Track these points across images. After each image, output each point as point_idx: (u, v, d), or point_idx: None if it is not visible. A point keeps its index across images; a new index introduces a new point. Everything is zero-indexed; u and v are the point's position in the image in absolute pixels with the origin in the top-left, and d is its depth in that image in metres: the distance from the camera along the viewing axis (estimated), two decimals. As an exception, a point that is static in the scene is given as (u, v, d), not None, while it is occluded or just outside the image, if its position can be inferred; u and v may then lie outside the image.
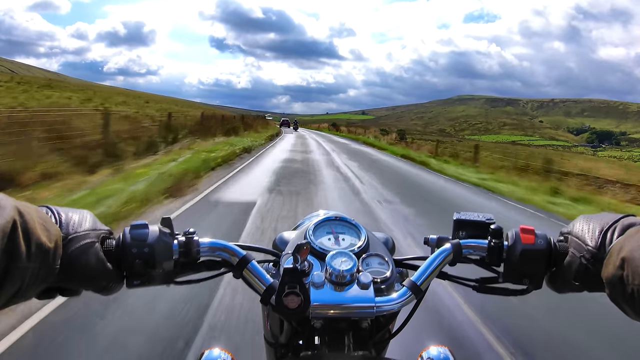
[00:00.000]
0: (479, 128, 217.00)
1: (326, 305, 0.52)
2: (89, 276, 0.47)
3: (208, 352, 0.68)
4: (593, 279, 0.49)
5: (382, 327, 0.60)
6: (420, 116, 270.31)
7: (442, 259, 0.57)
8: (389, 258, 0.60)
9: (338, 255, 0.56)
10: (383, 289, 0.56)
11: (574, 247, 0.52)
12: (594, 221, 0.52)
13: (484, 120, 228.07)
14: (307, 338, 0.56)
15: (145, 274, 0.51)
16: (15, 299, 0.40)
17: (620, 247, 0.45)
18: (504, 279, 0.57)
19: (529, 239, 0.54)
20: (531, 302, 1.66)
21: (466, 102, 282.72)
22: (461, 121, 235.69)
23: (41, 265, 0.40)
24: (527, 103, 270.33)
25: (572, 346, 2.39)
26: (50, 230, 0.42)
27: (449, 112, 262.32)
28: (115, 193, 4.84)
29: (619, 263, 0.43)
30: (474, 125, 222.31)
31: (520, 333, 2.42)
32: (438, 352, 0.68)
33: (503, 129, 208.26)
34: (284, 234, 0.72)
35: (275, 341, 0.65)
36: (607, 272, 0.45)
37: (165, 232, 0.52)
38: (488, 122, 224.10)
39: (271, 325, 0.67)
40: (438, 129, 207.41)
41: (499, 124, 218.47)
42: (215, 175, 7.48)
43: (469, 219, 0.62)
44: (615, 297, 0.45)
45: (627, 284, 0.42)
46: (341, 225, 0.66)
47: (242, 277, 0.56)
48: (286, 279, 0.49)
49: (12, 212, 0.37)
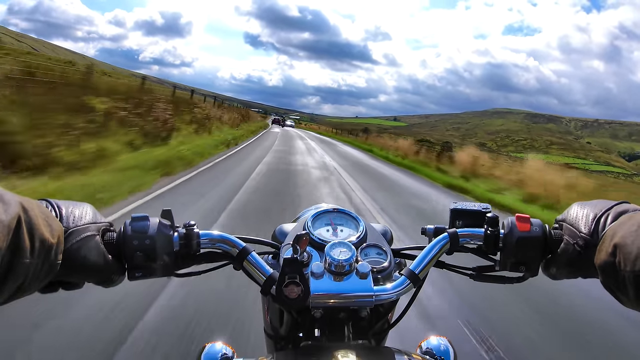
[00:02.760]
0: (524, 145, 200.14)
1: (326, 295, 0.52)
2: (90, 269, 0.48)
3: (210, 346, 0.69)
4: (587, 265, 0.49)
5: (381, 317, 0.60)
6: (456, 127, 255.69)
7: (439, 248, 0.58)
8: (387, 248, 0.62)
9: (337, 246, 0.56)
10: (382, 279, 0.57)
11: (568, 234, 0.52)
12: (588, 208, 0.52)
13: (528, 136, 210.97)
14: (307, 329, 0.57)
15: (146, 266, 0.51)
16: (18, 294, 0.40)
17: (613, 233, 0.45)
18: (501, 267, 0.57)
19: (525, 227, 0.54)
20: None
21: (504, 116, 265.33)
22: (502, 136, 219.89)
23: (44, 261, 0.40)
24: (570, 122, 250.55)
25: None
26: (53, 226, 0.42)
27: (487, 125, 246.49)
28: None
29: (611, 249, 0.43)
30: (517, 142, 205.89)
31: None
32: (438, 342, 0.70)
33: (551, 149, 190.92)
34: (283, 226, 0.72)
35: (275, 333, 0.66)
36: (600, 258, 0.45)
37: (165, 224, 0.52)
38: (533, 139, 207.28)
39: (271, 317, 0.67)
40: (477, 142, 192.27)
41: (545, 142, 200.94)
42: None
43: (466, 209, 0.62)
44: (608, 283, 0.45)
45: (619, 271, 0.42)
46: (339, 216, 0.67)
47: (242, 268, 0.56)
48: (286, 269, 0.50)
49: (17, 208, 0.37)
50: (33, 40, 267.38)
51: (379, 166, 13.28)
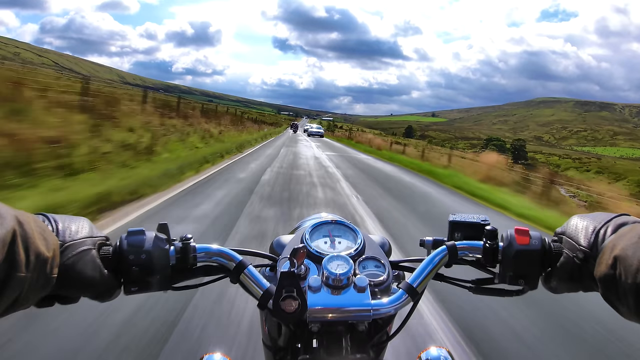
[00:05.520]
0: (585, 137, 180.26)
1: (323, 309, 0.51)
2: (86, 283, 0.47)
3: (207, 357, 0.69)
4: (587, 278, 0.48)
5: (380, 330, 0.59)
6: (503, 120, 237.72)
7: (438, 261, 0.57)
8: (385, 261, 0.61)
9: (334, 259, 0.56)
10: (379, 292, 0.56)
11: (567, 247, 0.51)
12: (587, 220, 0.51)
13: (587, 127, 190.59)
14: (305, 342, 0.56)
15: (142, 280, 0.51)
16: (14, 308, 0.40)
17: (612, 245, 0.44)
18: (500, 280, 0.56)
19: (524, 240, 0.54)
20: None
21: (552, 105, 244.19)
22: (558, 127, 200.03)
23: (39, 274, 0.40)
24: (624, 108, 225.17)
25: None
26: (48, 240, 0.42)
27: (536, 116, 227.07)
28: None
29: (611, 262, 0.43)
30: (577, 133, 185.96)
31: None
32: (438, 354, 0.69)
33: (617, 139, 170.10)
34: (281, 238, 0.71)
35: (273, 345, 0.65)
36: (600, 271, 0.45)
37: (161, 238, 0.52)
38: (592, 129, 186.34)
39: (269, 329, 0.66)
40: (531, 136, 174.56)
41: (608, 133, 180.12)
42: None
43: (464, 221, 0.61)
44: (609, 296, 0.44)
45: (619, 283, 0.42)
46: (337, 228, 0.66)
47: (239, 282, 0.56)
48: (283, 283, 0.49)
49: (12, 221, 0.37)
50: (56, 55, 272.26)
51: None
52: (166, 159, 7.39)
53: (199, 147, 10.27)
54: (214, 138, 12.85)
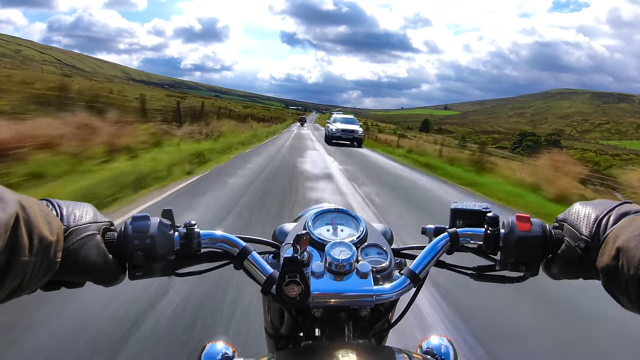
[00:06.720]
0: (609, 130, 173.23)
1: (326, 294, 0.52)
2: (91, 268, 0.47)
3: (210, 345, 0.69)
4: (588, 267, 0.49)
5: (382, 317, 0.60)
6: (519, 112, 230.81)
7: (439, 248, 0.58)
8: (387, 248, 0.61)
9: (337, 245, 0.56)
10: (382, 278, 0.57)
11: (569, 236, 0.51)
12: (589, 208, 0.50)
13: (609, 119, 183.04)
14: (307, 329, 0.57)
15: (146, 266, 0.51)
16: (18, 292, 0.40)
17: (615, 236, 0.44)
18: (501, 267, 0.56)
19: (525, 226, 0.54)
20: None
21: (568, 97, 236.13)
22: (578, 120, 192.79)
23: (43, 259, 0.40)
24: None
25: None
26: (52, 224, 0.42)
27: (553, 109, 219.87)
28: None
29: (614, 253, 0.43)
30: (599, 126, 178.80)
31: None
32: (439, 342, 0.70)
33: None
34: (283, 226, 0.71)
35: (275, 333, 0.66)
36: (602, 261, 0.45)
37: (166, 224, 0.53)
38: (616, 122, 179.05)
39: (271, 316, 0.67)
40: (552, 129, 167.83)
41: (633, 125, 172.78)
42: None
43: (466, 208, 0.61)
44: (610, 286, 0.45)
45: (621, 274, 0.42)
46: (340, 216, 0.67)
47: (242, 267, 0.56)
48: (286, 268, 0.50)
49: (15, 206, 0.37)
50: (60, 52, 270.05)
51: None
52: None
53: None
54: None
